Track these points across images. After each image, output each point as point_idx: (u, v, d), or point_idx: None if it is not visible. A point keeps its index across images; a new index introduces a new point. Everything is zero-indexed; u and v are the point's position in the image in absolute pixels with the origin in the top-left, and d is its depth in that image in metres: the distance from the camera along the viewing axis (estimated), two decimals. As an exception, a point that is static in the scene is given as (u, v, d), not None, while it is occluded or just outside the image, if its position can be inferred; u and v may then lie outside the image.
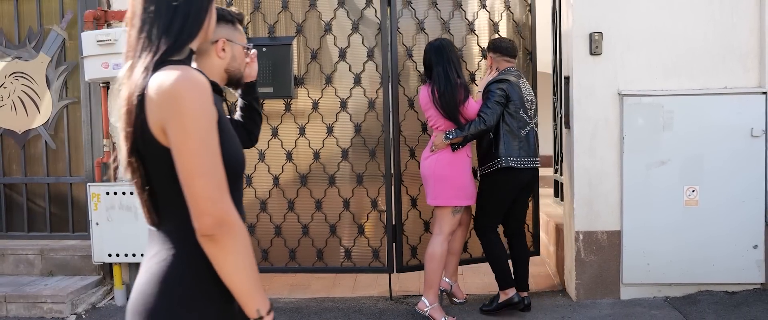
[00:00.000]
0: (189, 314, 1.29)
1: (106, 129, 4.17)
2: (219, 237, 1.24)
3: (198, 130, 1.23)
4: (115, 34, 3.90)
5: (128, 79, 1.30)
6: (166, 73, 1.25)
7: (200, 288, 1.30)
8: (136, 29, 1.33)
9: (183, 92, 1.23)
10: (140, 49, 1.31)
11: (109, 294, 4.26)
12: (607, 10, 3.88)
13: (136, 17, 1.34)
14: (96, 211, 4.07)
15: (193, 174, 1.23)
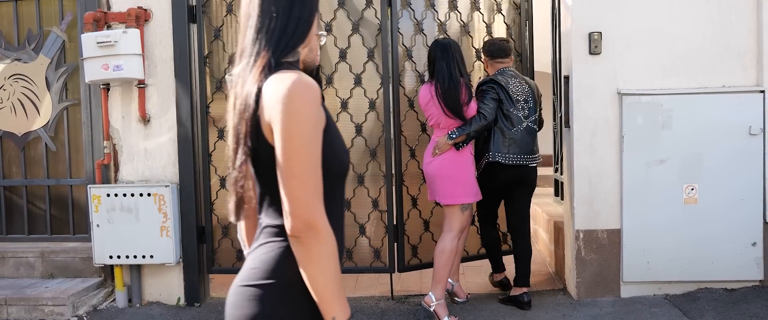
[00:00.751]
0: (288, 304, 1.35)
1: (107, 130, 4.16)
2: (305, 239, 1.28)
3: (301, 135, 1.27)
4: (115, 35, 3.90)
5: (244, 79, 1.36)
6: (281, 76, 1.31)
7: (300, 281, 1.33)
8: (253, 30, 1.38)
9: (294, 96, 1.27)
10: (257, 50, 1.37)
11: (111, 296, 4.26)
12: (606, 10, 3.90)
13: (252, 18, 1.39)
14: (97, 213, 4.07)
15: (289, 175, 1.28)
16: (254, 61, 1.36)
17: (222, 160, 4.14)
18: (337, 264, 1.31)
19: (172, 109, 4.12)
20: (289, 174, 1.28)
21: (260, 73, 1.33)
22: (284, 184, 1.28)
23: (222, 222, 4.17)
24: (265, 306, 1.34)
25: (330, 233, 1.29)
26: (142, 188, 4.04)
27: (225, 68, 4.12)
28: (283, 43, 1.38)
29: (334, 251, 1.30)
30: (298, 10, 1.40)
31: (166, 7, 4.08)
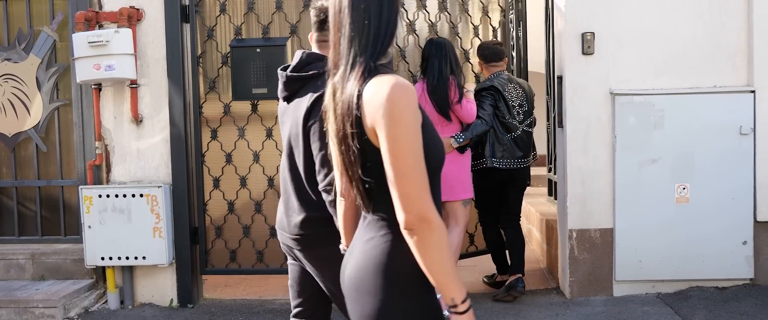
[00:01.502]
0: (403, 293, 1.45)
1: (98, 131, 4.13)
2: (418, 232, 1.37)
3: (406, 136, 1.37)
4: (107, 35, 3.87)
5: (343, 86, 1.45)
6: (380, 81, 1.40)
7: (412, 272, 1.43)
8: (347, 39, 1.47)
9: (395, 99, 1.37)
10: (353, 57, 1.45)
11: (102, 297, 4.23)
12: (599, 10, 3.92)
13: (344, 27, 1.47)
14: (88, 214, 4.04)
15: (399, 174, 1.37)
16: (352, 67, 1.45)
17: (215, 160, 4.12)
18: (449, 250, 1.40)
19: (165, 109, 4.09)
20: (399, 173, 1.37)
21: (359, 78, 1.42)
22: (395, 183, 1.38)
23: (215, 223, 4.15)
24: (387, 297, 1.44)
25: (440, 223, 1.38)
26: (134, 189, 4.02)
27: (219, 68, 4.10)
28: (378, 47, 1.46)
29: (446, 238, 1.39)
30: (386, 13, 1.48)
31: (158, 6, 4.06)
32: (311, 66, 2.14)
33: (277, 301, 4.20)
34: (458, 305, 1.39)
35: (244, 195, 4.12)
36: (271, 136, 4.08)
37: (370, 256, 1.48)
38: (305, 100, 2.09)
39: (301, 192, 2.15)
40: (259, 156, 4.09)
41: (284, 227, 2.22)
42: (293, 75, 2.16)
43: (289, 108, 2.19)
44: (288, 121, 2.19)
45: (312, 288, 2.26)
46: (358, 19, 1.46)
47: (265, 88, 3.97)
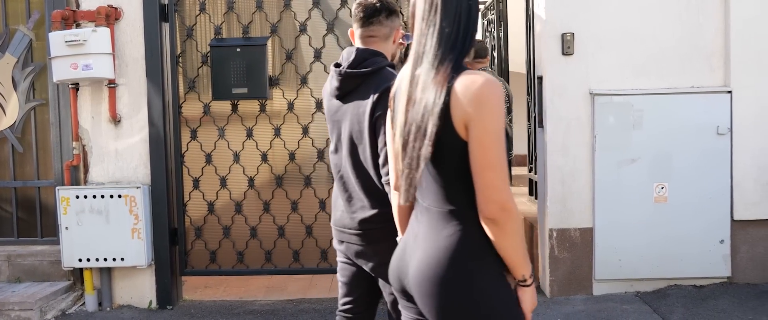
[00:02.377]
0: (479, 282, 1.52)
1: (76, 131, 4.08)
2: (500, 220, 1.47)
3: (496, 130, 1.47)
4: (85, 34, 3.82)
5: (426, 81, 1.52)
6: (473, 77, 1.49)
7: (486, 261, 1.53)
8: (437, 33, 1.54)
9: (490, 95, 1.47)
10: (442, 54, 1.52)
11: (80, 299, 4.18)
12: (579, 11, 3.95)
13: (434, 25, 1.54)
14: (65, 215, 3.99)
15: (486, 166, 1.46)
16: (441, 61, 1.52)
17: (194, 160, 4.09)
18: (523, 234, 1.53)
19: (144, 109, 4.05)
20: (488, 164, 1.46)
21: (449, 73, 1.50)
22: (482, 174, 1.47)
23: (195, 224, 4.12)
24: (478, 284, 1.52)
25: (517, 211, 1.49)
26: (112, 190, 3.97)
27: (198, 67, 4.07)
28: (465, 46, 1.55)
29: (522, 225, 1.53)
30: (474, 13, 1.58)
31: (137, 5, 4.02)
32: (367, 62, 2.16)
33: (257, 302, 4.17)
34: (527, 280, 1.54)
35: (224, 196, 4.09)
36: (251, 136, 4.05)
37: (441, 247, 1.53)
38: (369, 96, 2.12)
39: (369, 189, 2.16)
40: (239, 156, 4.07)
41: (345, 224, 2.24)
42: (352, 71, 2.17)
43: (347, 106, 2.20)
44: (346, 118, 2.21)
45: (363, 288, 2.30)
46: (450, 16, 1.54)
47: (245, 88, 3.94)
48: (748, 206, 3.98)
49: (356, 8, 2.22)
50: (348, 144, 2.20)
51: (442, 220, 1.56)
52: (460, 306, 1.52)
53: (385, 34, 2.23)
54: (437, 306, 1.54)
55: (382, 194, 2.14)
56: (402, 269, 1.64)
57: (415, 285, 1.58)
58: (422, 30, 1.57)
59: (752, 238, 4.02)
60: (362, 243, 2.19)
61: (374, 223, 2.16)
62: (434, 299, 1.54)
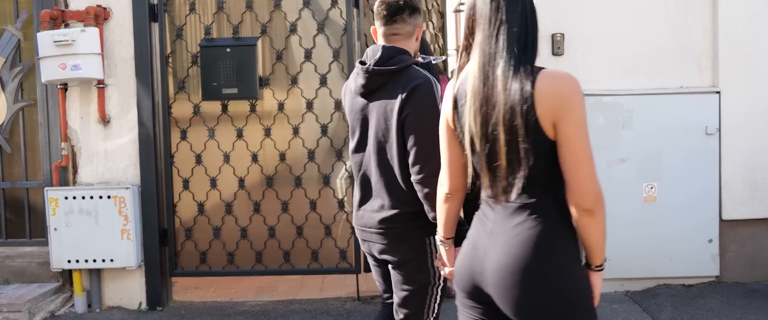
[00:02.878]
0: (566, 271, 1.58)
1: (65, 132, 4.05)
2: (596, 210, 1.55)
3: (584, 124, 1.54)
4: (73, 34, 3.80)
5: (509, 77, 1.56)
6: (558, 73, 1.58)
7: (568, 251, 1.59)
8: (506, 33, 1.59)
9: (578, 90, 1.56)
10: (518, 54, 1.57)
11: (69, 301, 4.15)
12: (569, 12, 3.96)
13: (503, 22, 1.59)
14: (54, 216, 3.96)
15: (581, 160, 1.53)
16: (519, 62, 1.57)
17: (184, 161, 4.07)
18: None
19: (133, 109, 4.03)
20: (583, 156, 1.53)
21: (529, 71, 1.56)
22: (578, 166, 1.53)
23: (185, 225, 4.10)
24: (558, 275, 1.57)
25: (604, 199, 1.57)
26: (101, 190, 3.95)
27: (188, 68, 4.05)
28: (536, 44, 1.62)
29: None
30: (535, 13, 1.64)
31: (126, 5, 4.00)
32: (394, 59, 2.17)
33: (248, 303, 4.16)
34: (602, 265, 1.63)
35: (214, 197, 4.08)
36: (241, 136, 4.04)
37: (525, 239, 1.58)
38: (397, 94, 2.12)
39: (392, 188, 2.18)
40: (229, 157, 4.05)
41: (366, 224, 2.25)
42: (379, 69, 2.17)
43: (373, 104, 2.20)
44: (372, 116, 2.21)
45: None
46: (517, 15, 1.60)
47: (235, 88, 3.93)
48: (736, 206, 4.01)
49: (379, 6, 2.23)
50: (374, 142, 2.21)
51: (522, 213, 1.60)
52: (550, 296, 1.56)
53: (408, 32, 2.25)
54: (526, 297, 1.57)
55: (406, 193, 2.15)
56: (475, 267, 1.66)
57: (498, 280, 1.60)
58: (489, 31, 1.61)
59: (740, 238, 4.05)
60: (384, 242, 2.21)
61: (396, 222, 2.17)
62: (523, 291, 1.56)
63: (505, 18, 1.59)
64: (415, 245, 2.17)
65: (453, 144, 1.76)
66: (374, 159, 2.20)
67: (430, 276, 2.21)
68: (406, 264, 2.20)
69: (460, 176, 1.78)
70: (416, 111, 2.09)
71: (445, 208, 1.86)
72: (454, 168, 1.78)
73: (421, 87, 2.11)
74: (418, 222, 2.14)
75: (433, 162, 2.00)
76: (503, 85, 1.56)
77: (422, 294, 2.22)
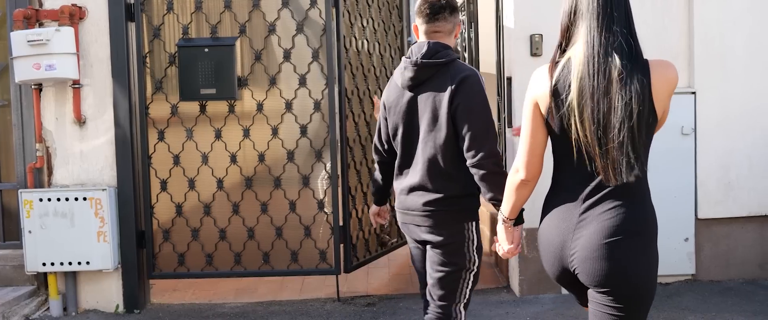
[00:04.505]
0: (655, 239, 1.84)
1: (39, 133, 3.99)
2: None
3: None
4: (48, 33, 3.75)
5: (632, 68, 1.73)
6: (662, 62, 1.79)
7: (656, 227, 1.85)
8: (619, 32, 1.74)
9: (677, 77, 1.81)
10: (634, 46, 1.75)
11: (44, 304, 4.09)
12: (547, 13, 3.98)
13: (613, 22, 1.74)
14: (28, 219, 3.90)
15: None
16: (637, 55, 1.75)
17: (162, 162, 4.03)
18: None
19: (110, 110, 3.99)
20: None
21: (645, 64, 1.76)
22: (649, 145, 1.80)
23: (163, 226, 4.06)
24: (652, 250, 1.83)
25: None
26: (77, 192, 3.90)
27: (166, 68, 4.01)
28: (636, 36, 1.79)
29: None
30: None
31: (102, 4, 3.95)
32: (440, 54, 2.33)
33: (227, 305, 4.13)
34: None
35: (192, 198, 4.04)
36: (220, 137, 4.01)
37: (635, 212, 1.79)
38: (446, 86, 2.29)
39: (439, 173, 2.33)
40: (207, 157, 4.02)
41: (409, 207, 2.40)
42: (428, 62, 2.32)
43: (420, 96, 2.35)
44: (419, 107, 2.36)
45: None
46: (622, 10, 1.77)
47: (214, 89, 3.90)
48: (711, 205, 4.06)
49: (422, 5, 2.39)
50: (422, 131, 2.36)
51: (631, 189, 1.80)
52: (653, 263, 1.83)
53: (449, 30, 2.42)
54: (639, 266, 1.78)
55: (451, 179, 2.33)
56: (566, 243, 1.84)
57: (586, 252, 1.79)
58: (595, 25, 1.74)
59: (715, 236, 4.11)
60: (427, 224, 2.37)
61: (439, 206, 2.33)
62: (636, 260, 1.78)
63: (614, 12, 1.74)
64: (455, 229, 2.35)
65: (539, 132, 1.88)
66: (421, 147, 2.36)
67: (466, 261, 2.38)
68: (445, 246, 2.36)
69: (538, 164, 1.91)
70: (468, 100, 2.27)
71: (518, 194, 1.98)
72: (535, 155, 1.89)
73: (469, 78, 2.30)
74: (460, 208, 2.34)
75: (487, 145, 2.24)
76: (621, 76, 1.71)
77: (456, 276, 2.38)
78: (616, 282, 1.78)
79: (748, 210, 4.11)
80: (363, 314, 3.88)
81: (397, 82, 2.45)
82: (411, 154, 2.42)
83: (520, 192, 1.97)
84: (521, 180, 1.94)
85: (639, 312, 1.83)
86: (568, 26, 1.82)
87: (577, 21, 1.79)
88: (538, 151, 1.89)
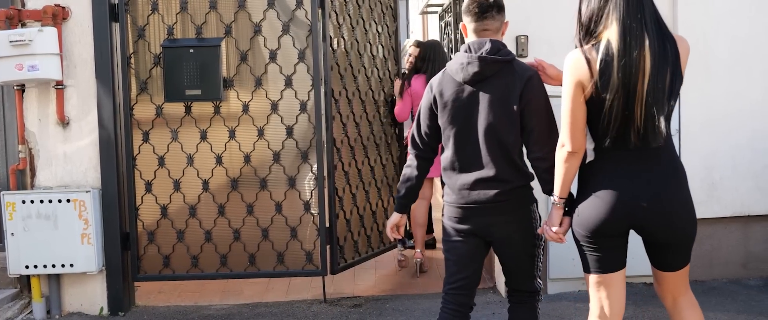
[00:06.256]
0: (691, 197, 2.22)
1: (22, 134, 3.95)
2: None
3: None
4: (30, 34, 3.71)
5: (671, 49, 2.08)
6: (682, 37, 2.14)
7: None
8: (650, 13, 2.07)
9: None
10: (661, 23, 2.09)
11: (27, 308, 4.05)
12: (532, 15, 4.01)
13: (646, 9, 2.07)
14: (11, 221, 3.86)
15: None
16: (663, 30, 2.07)
17: (147, 163, 4.00)
18: None
19: (93, 111, 3.95)
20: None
21: (672, 38, 2.10)
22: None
23: (147, 228, 4.03)
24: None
25: None
26: (60, 194, 3.86)
27: (150, 69, 3.98)
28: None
29: None
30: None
31: (85, 5, 3.92)
32: (502, 51, 2.43)
33: (213, 307, 4.11)
34: None
35: (177, 199, 4.02)
36: (205, 138, 3.99)
37: (680, 173, 2.18)
38: (513, 82, 2.40)
39: (506, 164, 2.43)
40: (193, 159, 4.00)
41: (479, 199, 2.45)
42: (494, 58, 2.41)
43: (483, 91, 2.43)
44: (481, 102, 2.43)
45: (479, 263, 2.59)
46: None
47: (199, 90, 3.88)
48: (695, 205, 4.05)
49: (471, 4, 2.46)
50: (486, 125, 2.42)
51: (670, 154, 2.15)
52: (692, 217, 2.22)
53: (497, 28, 2.50)
54: (684, 219, 2.17)
55: (517, 169, 2.45)
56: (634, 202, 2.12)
57: (670, 216, 2.14)
58: (632, 12, 2.03)
59: (699, 237, 4.07)
60: (497, 215, 2.46)
61: (510, 195, 2.44)
62: (689, 218, 2.18)
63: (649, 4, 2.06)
64: (524, 214, 2.50)
65: (579, 108, 2.12)
66: (487, 141, 2.43)
67: (536, 240, 2.55)
68: (518, 232, 2.50)
69: (582, 137, 2.15)
70: (536, 98, 2.41)
71: (566, 167, 2.20)
72: (578, 129, 2.13)
73: (535, 77, 2.45)
74: (525, 193, 2.49)
75: (551, 140, 2.36)
76: (656, 51, 2.01)
77: (532, 255, 2.55)
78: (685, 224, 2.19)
79: (731, 210, 4.15)
80: (349, 315, 3.88)
81: (455, 76, 2.47)
82: (467, 149, 2.47)
83: (569, 163, 2.19)
84: (568, 153, 2.16)
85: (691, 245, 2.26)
86: (596, 11, 2.09)
87: (607, 5, 2.06)
88: (581, 125, 2.13)
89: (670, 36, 2.08)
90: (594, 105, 2.11)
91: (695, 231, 2.22)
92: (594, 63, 2.07)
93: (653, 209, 2.12)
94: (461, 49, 2.49)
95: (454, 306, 2.58)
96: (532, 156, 2.43)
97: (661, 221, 2.14)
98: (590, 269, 2.32)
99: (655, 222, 2.15)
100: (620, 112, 2.05)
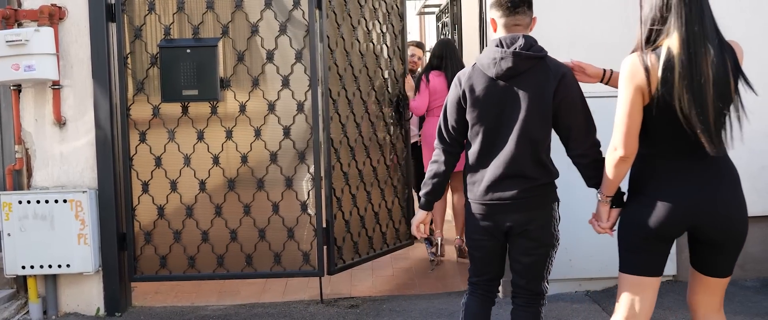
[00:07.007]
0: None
1: (18, 134, 3.94)
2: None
3: None
4: (27, 34, 3.70)
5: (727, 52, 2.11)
6: (736, 43, 2.18)
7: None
8: (710, 21, 2.11)
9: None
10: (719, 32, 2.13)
11: (24, 308, 4.04)
12: (529, 15, 4.00)
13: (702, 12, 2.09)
14: (7, 221, 3.85)
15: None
16: (721, 38, 2.11)
17: (144, 163, 4.00)
18: None
19: (90, 111, 3.95)
20: None
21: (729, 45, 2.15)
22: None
23: (144, 229, 4.02)
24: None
25: None
26: (57, 194, 3.85)
27: (147, 69, 3.97)
28: None
29: None
30: None
31: (82, 4, 3.91)
32: (535, 48, 2.42)
33: (209, 308, 4.11)
34: None
35: (174, 200, 4.01)
36: (202, 138, 3.98)
37: (734, 179, 2.22)
38: (547, 79, 2.40)
39: (534, 161, 2.44)
40: (190, 159, 3.99)
41: (503, 196, 2.46)
42: (529, 53, 2.40)
43: (517, 86, 2.41)
44: (514, 98, 2.42)
45: (504, 258, 2.63)
46: (707, 3, 2.12)
47: (196, 90, 3.87)
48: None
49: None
50: (517, 121, 2.41)
51: (724, 162, 2.19)
52: (746, 221, 2.23)
53: (527, 23, 2.50)
54: (741, 224, 2.20)
55: (545, 166, 2.47)
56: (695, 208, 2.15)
57: (728, 217, 2.17)
58: (691, 15, 2.05)
59: (696, 237, 4.14)
60: (521, 211, 2.47)
61: (534, 192, 2.46)
62: (739, 219, 2.20)
63: (702, 3, 2.07)
64: (546, 212, 2.51)
65: (636, 113, 2.13)
66: (516, 136, 2.42)
67: (553, 240, 2.56)
68: (537, 229, 2.50)
69: (635, 143, 2.17)
70: (571, 95, 2.42)
71: (617, 170, 2.23)
72: (632, 134, 2.15)
73: (569, 74, 2.46)
74: (548, 191, 2.51)
75: (590, 136, 2.43)
76: (715, 59, 2.03)
77: (545, 255, 2.56)
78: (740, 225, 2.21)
79: (728, 211, 4.16)
80: (346, 316, 3.87)
81: (486, 71, 2.45)
82: (496, 144, 2.46)
83: (619, 168, 2.22)
84: (620, 157, 2.18)
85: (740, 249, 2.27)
86: (658, 19, 2.10)
87: (669, 11, 2.07)
88: (635, 130, 2.14)
89: (726, 42, 2.11)
90: (652, 111, 2.11)
91: (747, 231, 2.24)
92: (654, 70, 2.08)
93: (712, 211, 2.15)
94: (491, 43, 2.46)
95: (482, 291, 2.66)
96: (573, 153, 2.45)
97: (720, 223, 2.17)
98: (632, 270, 2.31)
99: (714, 224, 2.18)
100: (683, 119, 2.06)
